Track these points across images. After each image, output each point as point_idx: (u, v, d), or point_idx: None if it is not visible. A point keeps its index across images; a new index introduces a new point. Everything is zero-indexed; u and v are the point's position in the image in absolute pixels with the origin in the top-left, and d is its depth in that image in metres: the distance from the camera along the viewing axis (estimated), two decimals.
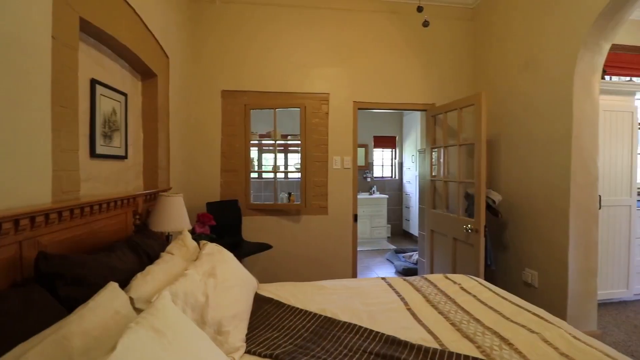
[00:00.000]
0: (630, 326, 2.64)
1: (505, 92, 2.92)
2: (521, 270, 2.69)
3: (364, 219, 5.28)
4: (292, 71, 3.08)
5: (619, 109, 2.98)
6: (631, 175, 3.00)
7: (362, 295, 1.58)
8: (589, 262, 2.32)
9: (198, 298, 1.14)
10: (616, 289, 2.99)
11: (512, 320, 1.32)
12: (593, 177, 2.33)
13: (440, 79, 3.34)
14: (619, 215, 2.95)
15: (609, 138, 2.94)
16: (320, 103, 3.14)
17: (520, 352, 1.10)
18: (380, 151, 6.18)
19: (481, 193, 2.50)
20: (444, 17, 3.32)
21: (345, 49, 3.16)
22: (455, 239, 2.80)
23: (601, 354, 1.10)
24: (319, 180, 3.10)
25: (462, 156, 2.86)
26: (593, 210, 2.34)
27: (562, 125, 2.34)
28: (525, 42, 2.71)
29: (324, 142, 3.13)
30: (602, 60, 2.35)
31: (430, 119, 3.26)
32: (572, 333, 1.23)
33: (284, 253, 3.06)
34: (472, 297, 1.55)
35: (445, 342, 1.17)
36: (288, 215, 3.09)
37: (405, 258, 4.19)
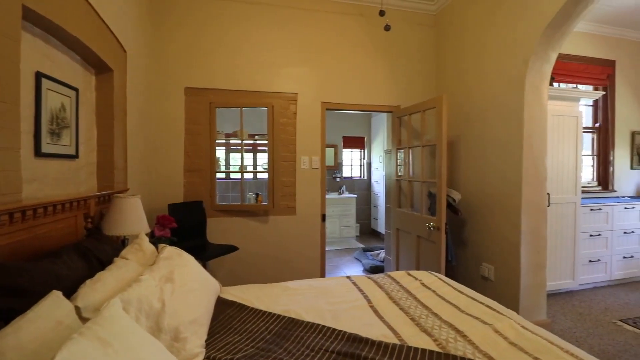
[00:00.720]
0: (576, 314, 2.88)
1: (464, 95, 3.07)
2: (479, 265, 2.84)
3: (333, 219, 5.33)
4: (259, 70, 3.04)
5: (565, 113, 3.23)
6: (576, 175, 3.27)
7: (327, 294, 1.60)
8: (538, 256, 2.49)
9: (153, 304, 1.09)
10: (563, 280, 3.23)
11: (467, 313, 1.39)
12: (542, 176, 2.50)
13: (406, 82, 3.44)
14: (565, 212, 3.20)
15: (557, 141, 3.17)
16: (289, 103, 3.12)
17: (473, 343, 1.16)
18: (350, 151, 6.26)
19: (442, 192, 2.60)
20: (409, 22, 3.43)
21: (314, 50, 3.17)
22: (419, 237, 2.90)
23: (545, 342, 1.18)
24: (287, 181, 3.09)
25: (425, 157, 2.97)
26: (542, 207, 2.52)
27: (515, 128, 2.50)
28: (482, 49, 2.86)
29: (292, 142, 3.11)
30: (550, 68, 2.53)
31: (396, 120, 3.35)
32: (521, 323, 1.31)
33: (251, 254, 3.02)
34: (432, 292, 1.61)
35: (405, 337, 1.21)
36: (256, 216, 3.04)
37: (373, 256, 4.28)
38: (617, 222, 3.50)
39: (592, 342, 2.40)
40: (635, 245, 3.59)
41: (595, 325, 2.67)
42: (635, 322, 2.69)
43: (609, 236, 3.47)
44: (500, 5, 2.67)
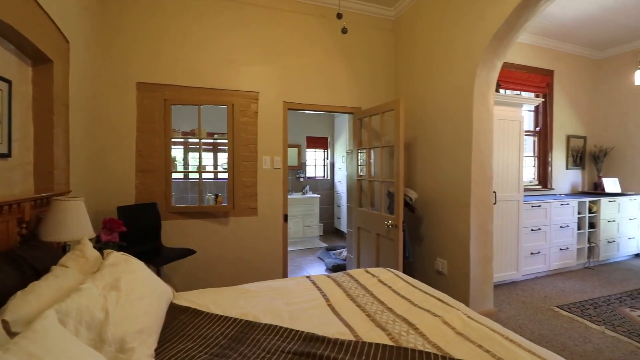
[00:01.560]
0: (519, 303, 3.12)
1: (421, 99, 3.21)
2: (434, 260, 2.98)
3: (296, 219, 5.32)
4: (219, 67, 2.96)
5: (509, 118, 3.50)
6: (519, 174, 3.55)
7: (286, 295, 1.59)
8: (486, 250, 2.68)
9: (95, 315, 1.02)
10: (508, 271, 3.50)
11: (419, 306, 1.46)
12: (489, 176, 2.69)
13: (367, 84, 3.53)
14: (509, 209, 3.47)
15: (502, 143, 3.43)
16: (250, 102, 3.07)
17: (423, 335, 1.22)
18: (313, 151, 6.29)
19: (399, 191, 2.70)
20: (369, 26, 3.52)
21: (276, 49, 3.14)
22: (378, 235, 2.99)
23: (488, 330, 1.27)
24: (248, 181, 3.03)
25: (385, 157, 3.07)
26: (489, 205, 2.71)
27: (465, 131, 2.66)
28: (436, 56, 3.01)
29: (253, 142, 3.06)
30: (496, 76, 2.73)
31: (357, 121, 3.42)
32: (467, 314, 1.40)
33: (210, 257, 2.92)
34: (388, 288, 1.67)
35: (360, 333, 1.24)
36: (215, 217, 2.95)
37: (336, 255, 4.34)
38: (554, 217, 3.86)
39: (532, 328, 2.63)
40: (570, 238, 3.98)
41: (535, 312, 2.92)
42: (570, 307, 2.98)
43: (547, 230, 3.81)
44: (451, 16, 2.83)
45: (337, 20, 3.25)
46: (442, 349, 1.14)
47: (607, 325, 2.64)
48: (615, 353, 2.26)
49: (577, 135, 4.89)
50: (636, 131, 4.64)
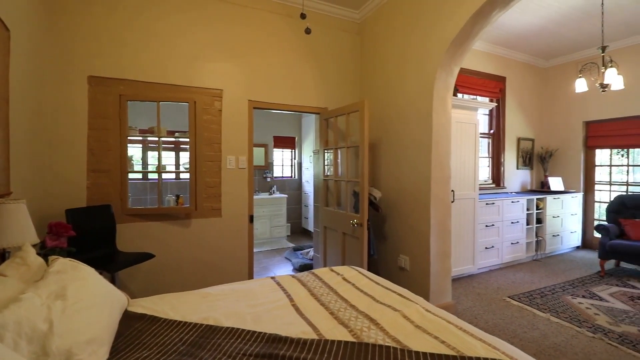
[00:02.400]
0: (475, 294, 3.32)
1: (385, 101, 3.30)
2: (397, 257, 3.09)
3: (263, 219, 5.26)
4: (180, 62, 2.84)
5: (466, 121, 3.70)
6: (475, 174, 3.77)
7: (250, 297, 1.57)
8: (445, 246, 2.82)
9: (37, 326, 0.94)
10: (465, 265, 3.71)
11: (381, 302, 1.50)
12: (447, 175, 2.83)
13: (333, 85, 3.56)
14: (466, 207, 3.67)
15: (459, 144, 3.62)
16: (213, 99, 2.98)
17: (384, 330, 1.26)
18: (280, 151, 6.25)
19: (364, 191, 2.76)
20: (335, 28, 3.56)
21: (241, 46, 3.08)
22: (344, 234, 3.04)
23: (444, 322, 1.34)
24: (211, 181, 2.94)
25: (350, 157, 3.12)
26: (448, 203, 2.85)
27: (425, 133, 2.78)
28: (399, 59, 3.12)
29: (216, 141, 2.98)
30: (453, 81, 2.87)
31: (323, 122, 3.45)
32: (425, 307, 1.47)
33: (171, 261, 2.81)
34: (351, 285, 1.71)
35: (323, 331, 1.25)
36: (176, 219, 2.84)
37: (303, 255, 4.35)
38: (506, 213, 4.14)
39: (487, 318, 2.80)
40: (520, 233, 4.30)
41: (489, 303, 3.11)
42: (520, 297, 3.22)
43: (500, 226, 4.09)
44: (413, 22, 2.94)
45: (303, 20, 3.28)
46: (401, 342, 1.18)
47: (552, 312, 2.88)
48: (559, 337, 2.47)
49: (526, 138, 5.29)
50: (576, 134, 5.11)
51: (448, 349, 1.14)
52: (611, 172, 4.96)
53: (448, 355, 1.09)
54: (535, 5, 3.56)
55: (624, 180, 4.81)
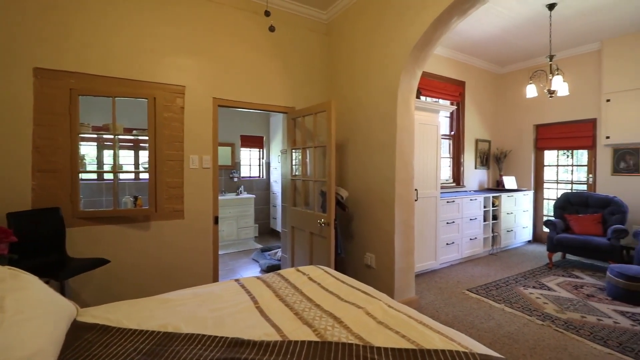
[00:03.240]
0: (437, 289, 3.46)
1: (352, 102, 3.35)
2: (363, 255, 3.14)
3: (230, 220, 5.13)
4: (139, 56, 2.69)
5: (428, 122, 3.85)
6: (437, 174, 3.93)
7: (212, 301, 1.52)
8: (408, 243, 2.91)
9: None
10: (428, 261, 3.86)
11: (346, 300, 1.52)
12: (411, 175, 2.92)
13: (301, 84, 3.55)
14: (428, 205, 3.82)
15: (422, 145, 3.75)
16: (175, 96, 2.86)
17: (347, 327, 1.28)
18: (248, 151, 6.14)
19: (331, 190, 2.78)
20: (302, 27, 3.56)
21: (205, 42, 2.98)
22: (312, 233, 3.04)
23: (406, 317, 1.38)
24: (173, 181, 2.82)
25: (318, 157, 3.13)
26: (411, 201, 2.95)
27: (390, 134, 2.85)
28: (365, 62, 3.17)
29: (179, 139, 2.86)
30: (416, 84, 2.97)
31: (291, 121, 3.43)
32: (388, 303, 1.50)
33: (128, 267, 2.65)
34: (317, 285, 1.71)
35: (287, 332, 1.24)
36: (134, 222, 2.69)
37: (271, 256, 4.30)
38: (465, 211, 4.36)
39: (447, 311, 2.93)
40: (478, 229, 4.54)
41: (450, 296, 3.26)
42: (477, 290, 3.40)
43: (460, 223, 4.29)
44: (378, 26, 3.00)
45: (270, 18, 3.24)
46: (364, 339, 1.20)
47: (506, 303, 3.07)
48: (512, 326, 2.64)
49: (483, 139, 5.61)
50: (527, 137, 5.50)
51: (408, 343, 1.17)
52: (558, 171, 5.39)
53: (408, 349, 1.12)
54: (491, 15, 3.78)
55: (569, 179, 5.25)
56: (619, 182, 4.44)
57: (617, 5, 3.54)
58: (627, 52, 4.22)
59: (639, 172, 4.27)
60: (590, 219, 4.18)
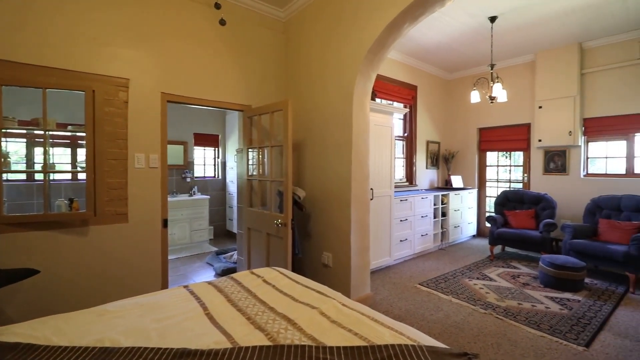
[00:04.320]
0: (391, 284, 3.58)
1: (309, 102, 3.35)
2: (321, 254, 3.16)
3: (182, 223, 4.88)
4: (77, 43, 2.44)
5: (383, 124, 3.98)
6: (391, 173, 4.08)
7: (157, 310, 1.42)
8: (364, 241, 2.98)
9: None
10: (383, 257, 3.99)
11: (300, 301, 1.50)
12: (366, 175, 2.99)
13: (258, 82, 3.47)
14: (383, 203, 3.95)
15: (377, 146, 3.87)
16: (117, 89, 2.64)
17: (301, 329, 1.26)
18: (202, 149, 5.88)
19: (288, 190, 2.76)
20: (259, 24, 3.48)
21: (154, 33, 2.78)
22: (268, 234, 2.99)
23: (359, 314, 1.40)
24: (115, 182, 2.60)
25: (275, 157, 3.08)
26: (367, 200, 3.02)
27: (346, 134, 2.89)
28: (321, 63, 3.19)
29: (122, 137, 2.65)
30: (371, 86, 3.04)
31: (247, 120, 3.34)
32: (342, 302, 1.52)
33: (62, 277, 2.39)
34: (272, 287, 1.68)
35: (238, 338, 1.20)
36: (69, 227, 2.43)
37: (226, 259, 4.16)
38: (417, 209, 4.58)
39: (400, 305, 3.05)
40: (428, 226, 4.79)
41: (403, 290, 3.40)
42: (428, 283, 3.58)
43: (412, 220, 4.50)
44: (335, 27, 3.03)
45: (224, 12, 3.12)
46: (316, 340, 1.19)
47: (453, 294, 3.27)
48: (458, 316, 2.81)
49: (433, 141, 5.93)
50: (472, 139, 5.91)
51: (360, 340, 1.19)
52: (498, 171, 5.87)
53: (359, 346, 1.14)
54: (440, 23, 4.00)
55: (508, 178, 5.74)
56: (549, 181, 4.95)
57: (548, 22, 3.94)
58: (556, 64, 4.72)
59: (565, 171, 4.80)
60: (525, 214, 4.61)
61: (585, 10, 3.63)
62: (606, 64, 4.39)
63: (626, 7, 3.55)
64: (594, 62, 4.50)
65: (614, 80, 4.34)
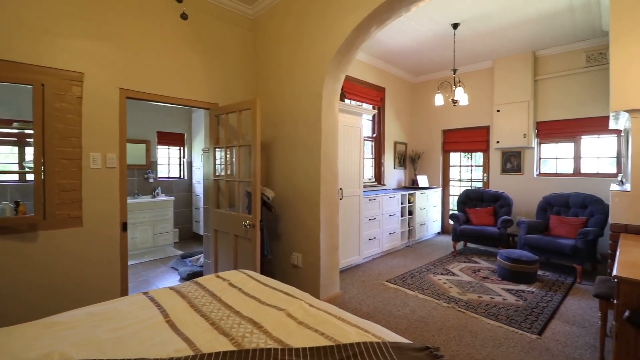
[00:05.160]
0: (360, 282, 3.63)
1: (278, 101, 3.32)
2: (290, 255, 3.14)
3: (145, 226, 4.65)
4: (24, 33, 2.24)
5: (352, 125, 4.03)
6: (360, 173, 4.14)
7: (113, 319, 1.33)
8: (333, 241, 3.00)
9: None
10: (352, 256, 4.04)
11: (266, 303, 1.48)
12: (335, 175, 3.02)
13: (225, 80, 3.38)
14: (352, 203, 4.00)
15: (347, 146, 3.91)
16: (70, 84, 2.46)
17: (267, 332, 1.25)
18: (167, 149, 5.64)
19: (257, 191, 2.71)
20: (226, 20, 3.39)
21: (112, 24, 2.62)
22: (236, 236, 2.92)
23: (325, 314, 1.41)
24: (67, 183, 2.42)
25: (243, 156, 3.02)
26: (336, 200, 3.04)
27: (315, 134, 2.90)
28: (291, 63, 3.17)
29: (75, 134, 2.47)
30: (340, 87, 3.07)
31: (214, 118, 3.25)
32: (309, 302, 1.51)
33: (8, 288, 2.18)
34: (238, 290, 1.64)
35: (200, 345, 1.16)
36: (16, 233, 2.23)
37: (192, 262, 4.01)
38: (385, 207, 4.68)
39: (369, 302, 3.10)
40: (396, 224, 4.92)
41: (371, 288, 3.46)
42: (395, 280, 3.67)
43: (380, 219, 4.59)
44: (305, 27, 3.03)
45: (187, 6, 3.00)
46: (283, 342, 1.18)
47: (419, 290, 3.38)
48: (424, 311, 2.91)
49: (401, 142, 6.10)
50: (436, 140, 6.15)
51: (327, 340, 1.19)
52: (461, 171, 6.15)
53: (325, 346, 1.14)
54: (407, 28, 4.12)
55: (469, 177, 6.04)
56: (506, 180, 5.26)
57: (505, 31, 4.18)
58: (512, 70, 5.03)
59: (520, 171, 5.13)
60: (485, 212, 4.87)
61: (538, 21, 3.89)
62: (556, 71, 4.74)
63: (574, 20, 3.86)
64: (546, 69, 4.85)
65: (563, 86, 4.70)
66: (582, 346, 2.34)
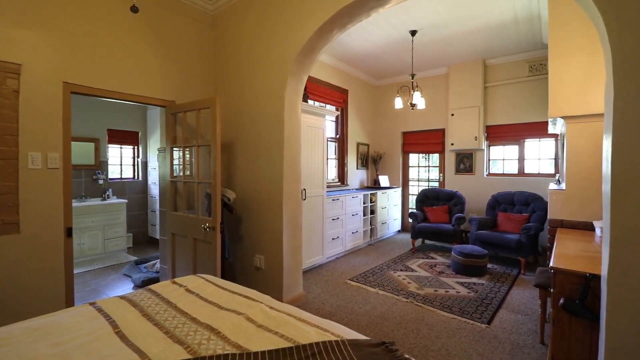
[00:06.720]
0: (323, 282, 3.67)
1: (240, 101, 3.25)
2: (253, 257, 3.09)
3: (93, 231, 4.32)
4: None
5: (315, 126, 4.05)
6: (323, 174, 4.18)
7: (54, 333, 1.23)
8: (296, 241, 3.00)
9: None
10: (316, 256, 4.07)
11: (225, 308, 1.45)
12: (298, 175, 3.02)
13: (183, 77, 3.25)
14: (316, 203, 4.03)
15: (310, 147, 3.93)
16: (5, 76, 2.22)
17: (225, 337, 1.22)
18: (119, 148, 5.29)
19: (217, 192, 2.64)
20: (185, 15, 3.25)
21: (55, 12, 2.40)
22: (195, 239, 2.82)
23: (285, 316, 1.41)
24: (2, 186, 2.18)
25: (202, 157, 2.92)
26: (299, 201, 3.04)
27: (277, 134, 2.88)
28: (252, 62, 3.12)
29: (11, 132, 2.23)
30: (302, 87, 3.07)
31: (170, 116, 3.10)
32: (269, 305, 1.50)
33: None
34: (195, 296, 1.58)
35: (152, 355, 1.10)
36: None
37: (148, 268, 3.80)
38: (348, 207, 4.77)
39: (332, 301, 3.14)
40: (359, 223, 5.03)
41: (334, 287, 3.51)
42: (357, 278, 3.75)
43: (343, 218, 4.67)
44: (266, 26, 2.99)
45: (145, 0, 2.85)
46: (241, 347, 1.16)
47: (380, 287, 3.48)
48: (384, 307, 3.01)
49: (363, 143, 6.25)
50: (396, 142, 6.38)
51: (286, 342, 1.19)
52: (419, 171, 6.44)
53: (285, 348, 1.14)
54: (368, 32, 4.23)
55: (427, 177, 6.33)
56: (459, 180, 5.59)
57: (459, 39, 4.44)
58: (465, 77, 5.35)
59: (472, 171, 5.48)
60: (441, 210, 5.14)
61: (487, 31, 4.18)
62: (503, 79, 5.13)
63: (518, 32, 4.19)
64: (494, 77, 5.22)
65: (509, 93, 5.10)
66: (526, 332, 2.56)
